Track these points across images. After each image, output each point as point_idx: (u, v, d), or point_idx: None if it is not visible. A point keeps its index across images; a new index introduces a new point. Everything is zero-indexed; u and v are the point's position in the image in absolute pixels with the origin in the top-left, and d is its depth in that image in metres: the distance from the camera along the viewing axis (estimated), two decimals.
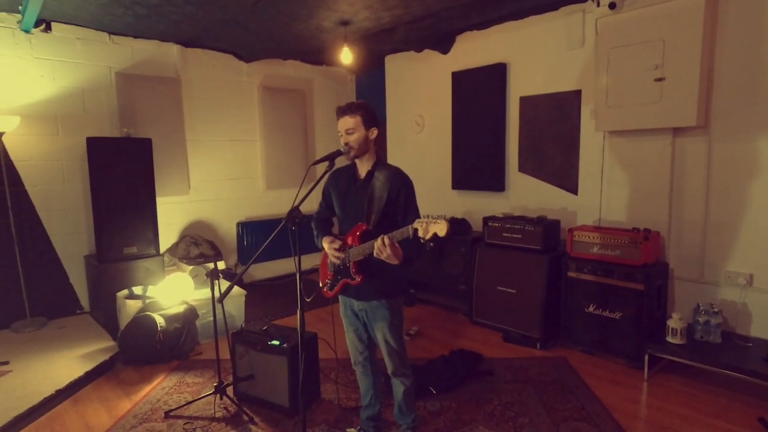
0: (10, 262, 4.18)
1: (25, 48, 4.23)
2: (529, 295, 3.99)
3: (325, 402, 3.13)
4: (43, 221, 4.44)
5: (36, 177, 4.37)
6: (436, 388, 3.20)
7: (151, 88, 4.96)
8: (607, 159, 3.96)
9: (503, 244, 4.24)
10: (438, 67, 5.20)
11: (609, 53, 3.65)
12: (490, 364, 3.61)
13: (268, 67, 5.87)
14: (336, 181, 2.46)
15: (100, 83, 4.65)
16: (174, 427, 2.85)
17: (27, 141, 4.29)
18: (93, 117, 4.61)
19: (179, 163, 5.24)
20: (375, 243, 2.05)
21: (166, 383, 3.42)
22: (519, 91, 4.54)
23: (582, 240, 3.79)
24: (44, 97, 4.35)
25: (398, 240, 2.03)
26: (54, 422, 2.92)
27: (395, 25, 4.30)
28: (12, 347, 3.80)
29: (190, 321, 3.96)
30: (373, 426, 2.66)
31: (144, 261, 4.47)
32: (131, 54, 4.82)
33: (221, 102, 5.56)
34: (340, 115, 2.28)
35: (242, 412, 2.97)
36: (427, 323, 4.55)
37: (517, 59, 4.54)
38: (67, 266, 4.61)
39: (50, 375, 3.34)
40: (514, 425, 2.81)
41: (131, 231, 4.43)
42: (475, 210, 4.95)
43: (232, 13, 3.86)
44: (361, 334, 2.50)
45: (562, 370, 3.53)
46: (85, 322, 4.45)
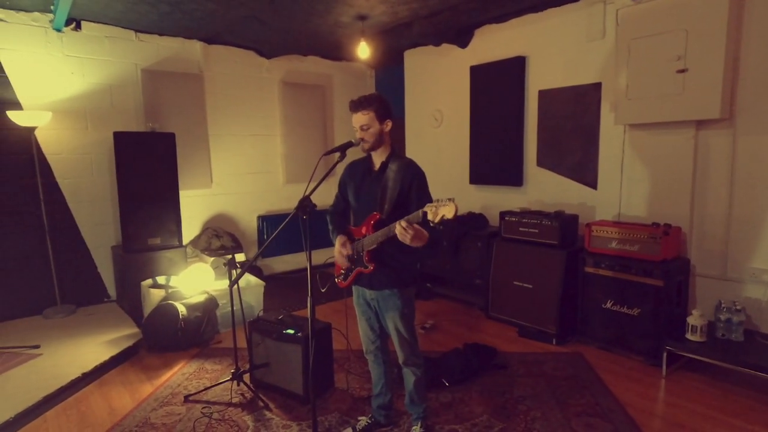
0: (42, 251, 4.37)
1: (56, 46, 4.41)
2: (546, 290, 3.95)
3: (339, 391, 3.18)
4: (72, 212, 4.62)
5: (66, 170, 4.55)
6: (448, 380, 3.22)
7: (175, 84, 5.11)
8: (627, 153, 3.89)
9: (520, 239, 4.21)
10: (456, 62, 5.18)
11: (630, 44, 3.58)
12: (504, 358, 3.60)
13: (289, 63, 5.95)
14: (352, 173, 2.50)
15: (126, 80, 4.81)
16: (192, 410, 2.95)
17: (58, 135, 4.48)
18: (120, 112, 4.77)
19: (202, 158, 5.38)
20: (394, 228, 2.06)
21: (187, 369, 3.54)
22: (538, 85, 4.49)
23: (600, 235, 3.74)
24: (74, 93, 4.53)
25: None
26: (80, 403, 3.06)
27: (413, 19, 4.31)
28: (43, 332, 3.99)
29: (210, 310, 4.07)
30: (384, 415, 2.70)
31: (167, 252, 4.61)
32: (156, 51, 4.97)
33: (242, 98, 5.67)
34: (353, 110, 2.32)
35: (258, 399, 3.05)
36: (442, 317, 4.55)
37: (536, 52, 4.49)
38: (96, 256, 4.79)
39: (78, 359, 3.49)
40: (525, 419, 2.80)
41: (155, 223, 4.58)
42: (493, 205, 4.92)
43: (252, 9, 3.94)
44: (373, 323, 2.54)
45: (577, 365, 3.49)
46: (112, 309, 4.62)
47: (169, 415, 2.91)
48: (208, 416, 2.87)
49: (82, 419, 2.87)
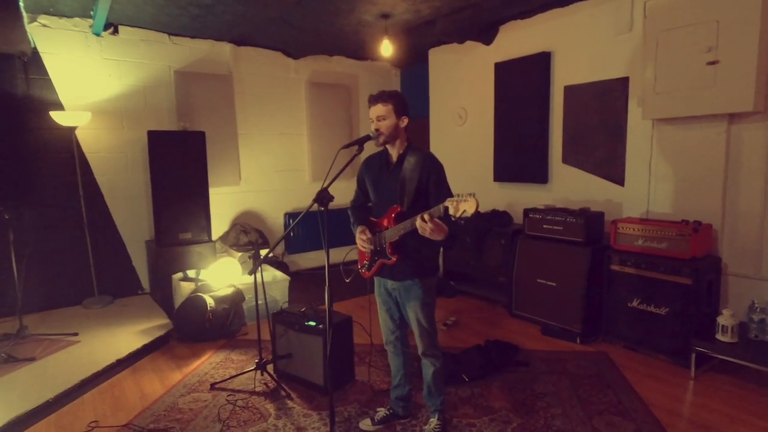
0: (82, 245, 4.60)
1: (95, 50, 4.64)
2: (570, 288, 3.90)
3: (359, 383, 3.23)
4: (109, 208, 4.85)
5: (104, 167, 4.78)
6: (468, 375, 3.22)
7: (205, 85, 5.29)
8: (655, 148, 3.80)
9: (544, 236, 4.16)
10: (481, 59, 5.16)
11: (658, 37, 3.49)
12: (527, 355, 3.58)
13: (315, 63, 6.06)
14: (369, 168, 2.55)
15: (160, 81, 5.01)
16: (218, 397, 3.06)
17: (96, 134, 4.71)
18: (153, 112, 4.98)
19: (231, 156, 5.54)
20: (415, 221, 2.10)
21: (214, 359, 3.66)
22: (563, 80, 4.43)
23: (626, 232, 3.66)
24: (112, 95, 4.75)
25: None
26: (114, 388, 3.22)
27: (435, 17, 4.33)
28: (81, 321, 4.20)
29: (237, 303, 4.19)
30: (402, 406, 2.73)
31: (197, 246, 4.78)
32: (188, 53, 5.16)
33: (270, 97, 5.81)
34: (372, 103, 2.36)
35: (280, 388, 3.14)
36: (465, 314, 4.55)
37: (562, 47, 4.43)
38: (130, 250, 5.01)
39: (113, 346, 3.67)
40: (545, 415, 2.78)
41: (186, 218, 4.76)
42: (517, 202, 4.88)
43: (278, 10, 4.04)
44: (394, 313, 2.57)
45: (601, 364, 3.43)
46: (145, 301, 4.82)
47: (196, 401, 3.02)
48: (233, 403, 2.97)
49: (116, 402, 3.02)
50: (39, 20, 4.33)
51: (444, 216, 2.01)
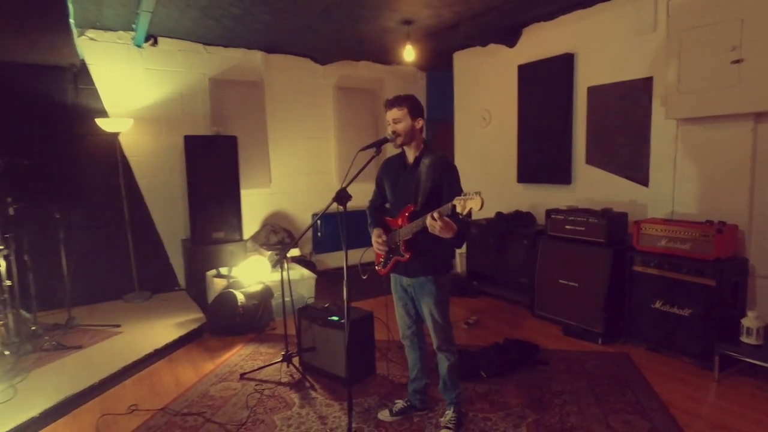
0: (124, 243, 4.91)
1: (137, 60, 4.95)
2: (592, 289, 3.90)
3: (379, 377, 3.35)
4: (149, 209, 5.16)
5: (144, 170, 5.09)
6: (486, 372, 3.28)
7: (238, 92, 5.54)
8: (680, 148, 3.76)
9: (566, 237, 4.17)
10: (504, 61, 5.21)
11: (681, 36, 3.47)
12: (546, 355, 3.60)
13: (342, 68, 6.24)
14: (388, 169, 2.67)
15: (196, 88, 5.29)
16: (246, 386, 3.24)
17: (137, 139, 5.02)
18: (189, 118, 5.26)
19: (262, 159, 5.78)
20: (426, 220, 2.21)
21: (244, 351, 3.86)
22: (587, 81, 4.43)
23: (649, 233, 3.65)
24: (151, 102, 5.06)
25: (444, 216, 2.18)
26: (152, 375, 3.46)
27: (457, 21, 4.41)
28: (123, 314, 4.50)
29: (266, 299, 4.39)
30: (419, 399, 2.84)
31: (229, 245, 5.02)
32: (222, 61, 5.43)
33: (299, 103, 6.03)
34: (388, 107, 2.49)
35: (305, 380, 3.29)
36: (487, 314, 4.60)
37: (585, 48, 4.43)
38: (168, 248, 5.31)
39: (151, 337, 3.92)
40: (560, 412, 2.82)
41: (219, 218, 5.01)
42: (541, 203, 4.89)
43: (304, 19, 4.23)
44: (409, 309, 2.68)
45: (622, 365, 3.43)
46: (181, 296, 5.10)
47: (226, 389, 3.22)
48: (260, 392, 3.15)
49: (153, 388, 3.25)
50: (87, 34, 4.67)
51: (452, 214, 2.11)
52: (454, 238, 2.22)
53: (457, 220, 2.16)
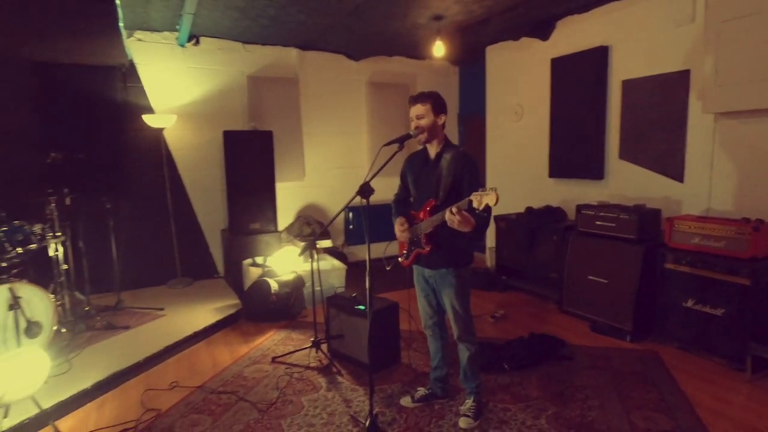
0: (167, 232, 5.22)
1: (180, 59, 5.22)
2: (622, 286, 3.85)
3: (404, 366, 3.46)
4: (191, 200, 5.45)
5: (186, 164, 5.38)
6: (509, 364, 3.33)
7: (274, 88, 5.74)
8: (717, 143, 3.64)
9: (596, 233, 4.13)
10: (537, 55, 5.15)
11: (720, 27, 3.36)
12: (572, 350, 3.60)
13: (375, 64, 6.34)
14: (411, 165, 2.76)
15: (234, 85, 5.53)
16: (277, 369, 3.43)
17: (180, 135, 5.30)
18: (228, 114, 5.50)
19: (296, 153, 5.97)
20: (444, 214, 2.29)
21: (276, 337, 4.06)
22: (621, 75, 4.34)
23: (682, 230, 3.57)
24: (193, 99, 5.33)
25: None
26: (191, 356, 3.70)
27: (489, 16, 4.41)
28: (166, 298, 4.80)
29: (298, 287, 4.58)
30: (440, 387, 2.92)
31: (265, 236, 5.24)
32: (259, 59, 5.63)
33: (332, 98, 6.17)
34: (412, 103, 2.57)
35: (332, 365, 3.44)
36: (514, 308, 4.61)
37: (620, 41, 4.34)
38: (208, 238, 5.59)
39: (191, 321, 4.17)
40: (581, 406, 2.84)
41: (255, 210, 5.23)
42: (572, 198, 4.83)
43: (337, 17, 4.34)
44: (431, 299, 2.77)
45: (649, 363, 3.39)
46: (220, 284, 5.37)
47: (259, 371, 3.41)
48: (290, 375, 3.32)
49: (192, 368, 3.48)
50: (135, 35, 4.96)
51: (469, 209, 2.17)
52: (473, 232, 2.28)
53: (474, 214, 2.22)
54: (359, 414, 2.79)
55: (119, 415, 2.84)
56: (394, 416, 2.79)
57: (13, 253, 3.42)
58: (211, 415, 2.83)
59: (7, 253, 3.40)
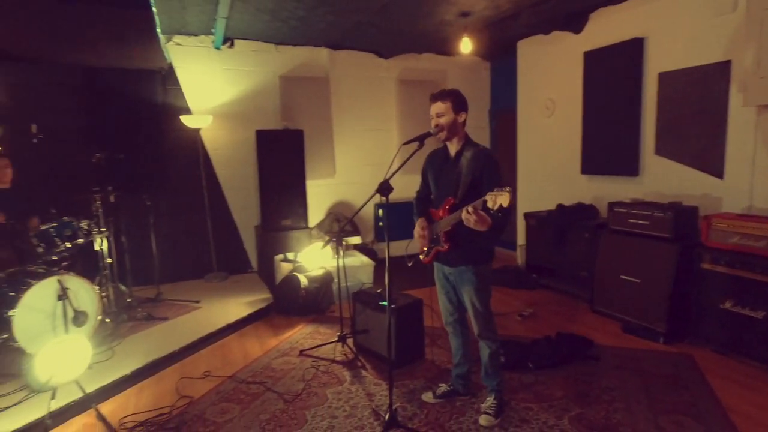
0: (204, 228, 5.44)
1: (216, 61, 5.42)
2: (655, 286, 3.73)
3: (427, 362, 3.49)
4: (226, 197, 5.66)
5: (222, 162, 5.58)
6: (534, 363, 3.30)
7: (305, 87, 5.86)
8: (760, 138, 3.46)
9: (629, 231, 4.01)
10: (570, 48, 5.03)
11: (762, 16, 3.19)
12: (601, 351, 3.53)
13: (405, 61, 6.35)
14: (432, 162, 2.78)
15: (267, 85, 5.68)
16: (304, 362, 3.53)
17: (216, 134, 5.51)
18: (261, 113, 5.66)
19: (327, 151, 6.08)
20: (461, 213, 2.31)
21: (304, 330, 4.17)
22: (657, 67, 4.18)
23: (720, 228, 3.42)
24: (228, 99, 5.52)
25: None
26: (224, 346, 3.87)
27: (517, 10, 4.34)
28: (202, 291, 5.01)
29: (326, 283, 4.68)
30: (461, 384, 2.94)
31: (295, 232, 5.38)
32: (291, 59, 5.76)
33: (363, 96, 6.24)
34: (432, 101, 2.59)
35: (357, 359, 3.51)
36: (544, 307, 4.55)
37: (657, 32, 4.17)
38: (243, 234, 5.79)
39: (225, 313, 4.35)
40: (606, 408, 2.78)
41: (287, 207, 5.37)
42: (605, 195, 4.70)
43: (364, 16, 4.39)
44: (452, 297, 2.78)
45: (682, 366, 3.28)
46: (253, 278, 5.56)
47: (286, 363, 3.52)
48: (316, 368, 3.42)
49: (224, 358, 3.64)
50: (174, 40, 5.18)
51: (484, 208, 2.18)
52: (490, 232, 2.29)
53: (491, 214, 2.21)
54: (380, 408, 2.85)
55: (156, 400, 3.02)
56: (415, 411, 2.83)
57: (62, 247, 3.69)
58: (240, 404, 2.96)
59: (57, 247, 3.67)
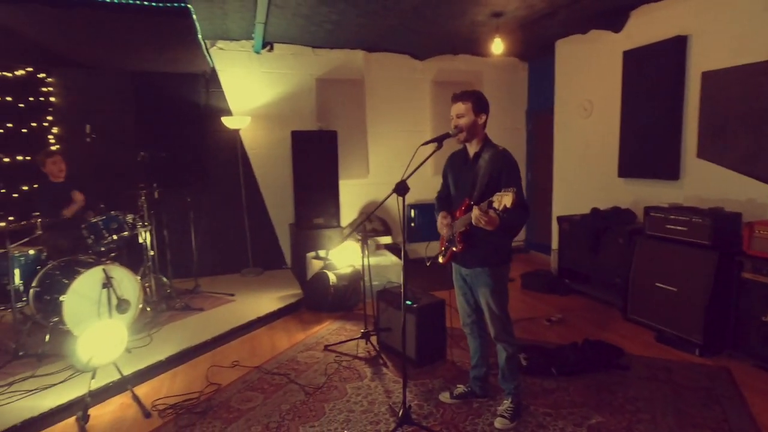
0: (241, 225, 5.67)
1: (255, 65, 5.63)
2: (692, 295, 3.56)
3: (448, 362, 3.50)
4: (263, 196, 5.87)
5: (259, 162, 5.80)
6: (557, 369, 3.24)
7: (341, 89, 5.99)
8: None
9: (666, 237, 3.85)
10: (608, 47, 4.87)
11: None
12: (631, 360, 3.41)
13: (440, 62, 6.35)
14: (452, 163, 2.80)
15: (304, 87, 5.85)
16: (328, 357, 3.63)
17: (254, 135, 5.72)
18: (297, 115, 5.83)
19: (361, 151, 6.18)
20: (472, 213, 2.32)
21: (331, 326, 4.28)
22: (701, 66, 3.99)
23: (764, 236, 3.23)
24: (266, 101, 5.73)
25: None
26: (253, 338, 4.03)
27: (553, 9, 4.26)
28: (238, 285, 5.23)
29: (355, 281, 4.77)
30: (479, 386, 2.93)
31: (327, 230, 5.50)
32: (327, 62, 5.90)
33: (397, 98, 6.30)
34: (453, 101, 2.61)
35: (379, 357, 3.57)
36: (574, 313, 4.44)
37: (701, 29, 3.98)
38: (278, 231, 5.99)
39: (257, 307, 4.52)
40: (629, 418, 2.70)
41: (319, 206, 5.51)
42: (643, 199, 4.52)
43: (396, 19, 4.45)
44: (469, 298, 2.79)
45: (717, 379, 3.12)
46: (287, 274, 5.74)
47: (311, 357, 3.63)
48: (338, 363, 3.50)
49: (253, 349, 3.80)
50: (217, 45, 5.44)
51: (488, 208, 2.18)
52: (500, 232, 2.28)
53: (498, 214, 2.20)
54: (397, 404, 2.89)
55: (187, 386, 3.20)
56: (431, 410, 2.85)
57: (109, 239, 3.97)
58: (263, 393, 3.09)
59: (105, 238, 3.95)
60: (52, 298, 3.52)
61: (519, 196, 2.12)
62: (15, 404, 2.82)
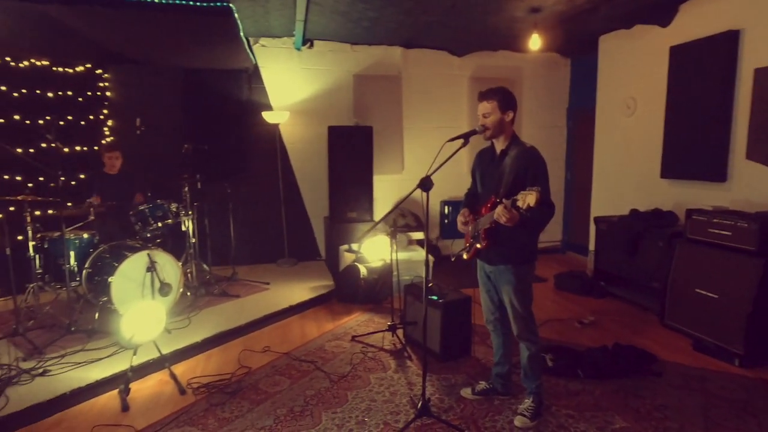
0: (278, 217, 5.86)
1: (296, 61, 5.79)
2: (734, 303, 3.40)
3: (473, 359, 3.51)
4: (300, 189, 6.04)
5: (297, 156, 5.97)
6: (584, 372, 3.19)
7: (378, 86, 6.06)
8: None
9: (708, 241, 3.68)
10: (654, 43, 4.68)
11: None
12: (664, 367, 3.31)
13: (479, 59, 6.30)
14: (479, 161, 2.81)
15: (342, 83, 5.96)
16: (354, 347, 3.72)
17: (293, 129, 5.89)
18: (334, 110, 5.95)
19: (396, 147, 6.23)
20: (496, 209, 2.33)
21: (360, 318, 4.37)
22: (754, 62, 3.77)
23: None
24: (305, 97, 5.88)
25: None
26: (284, 326, 4.19)
27: (595, 4, 4.14)
28: (273, 275, 5.42)
29: (385, 275, 4.83)
30: (501, 383, 2.93)
31: (360, 224, 5.59)
32: (365, 59, 5.98)
33: (434, 94, 6.30)
34: (479, 99, 2.62)
35: (404, 350, 3.63)
36: (608, 316, 4.32)
37: (755, 23, 3.76)
38: (313, 223, 6.15)
39: (290, 296, 4.68)
40: (656, 426, 2.62)
41: (354, 200, 5.61)
42: (687, 202, 4.33)
43: (434, 15, 4.46)
44: (492, 295, 2.79)
45: (756, 392, 2.98)
46: (320, 266, 5.89)
47: (338, 347, 3.73)
48: (364, 354, 3.59)
49: (283, 336, 3.95)
50: (260, 42, 5.63)
51: (511, 206, 2.19)
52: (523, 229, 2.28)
53: (521, 213, 2.20)
54: (418, 397, 2.93)
55: (220, 367, 3.37)
56: (451, 404, 2.88)
57: (154, 226, 4.22)
58: (290, 378, 3.21)
59: (150, 225, 4.20)
60: (102, 278, 3.80)
61: (543, 194, 2.12)
62: (66, 374, 3.08)
